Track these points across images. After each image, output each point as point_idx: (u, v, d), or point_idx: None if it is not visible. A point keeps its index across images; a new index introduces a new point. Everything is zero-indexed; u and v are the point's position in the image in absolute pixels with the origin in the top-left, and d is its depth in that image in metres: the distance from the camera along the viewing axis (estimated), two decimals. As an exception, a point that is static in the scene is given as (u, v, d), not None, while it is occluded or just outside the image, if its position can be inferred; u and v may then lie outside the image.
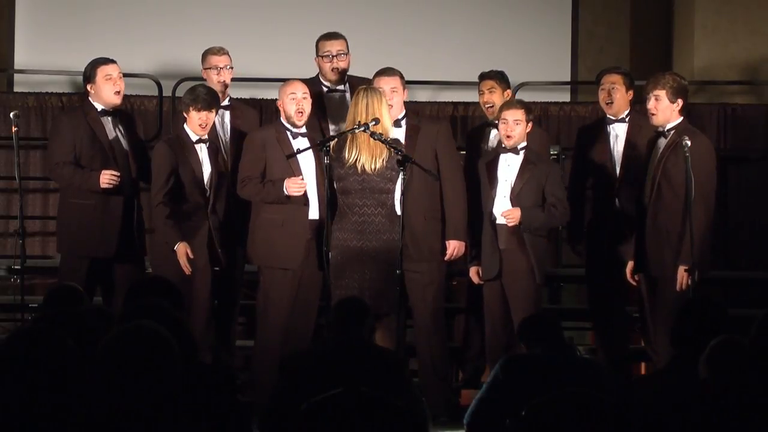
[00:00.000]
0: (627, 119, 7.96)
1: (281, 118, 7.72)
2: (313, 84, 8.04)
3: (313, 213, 7.64)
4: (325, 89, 8.12)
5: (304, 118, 7.66)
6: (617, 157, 7.94)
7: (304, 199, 7.57)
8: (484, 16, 10.85)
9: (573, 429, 5.02)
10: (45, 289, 8.35)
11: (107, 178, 7.58)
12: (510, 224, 7.52)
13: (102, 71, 7.75)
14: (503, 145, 7.67)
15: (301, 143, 7.64)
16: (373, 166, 7.41)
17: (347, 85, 8.12)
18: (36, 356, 3.90)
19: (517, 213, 7.51)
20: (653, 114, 7.47)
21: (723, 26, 10.54)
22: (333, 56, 8.10)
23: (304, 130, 7.70)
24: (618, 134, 7.96)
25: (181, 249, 7.45)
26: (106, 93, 7.75)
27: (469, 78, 8.30)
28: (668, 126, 7.48)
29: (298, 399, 5.08)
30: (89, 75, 7.78)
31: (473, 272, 7.76)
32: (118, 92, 7.78)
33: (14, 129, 7.88)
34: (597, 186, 8.03)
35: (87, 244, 7.65)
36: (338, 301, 6.05)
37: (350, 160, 7.42)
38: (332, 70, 8.10)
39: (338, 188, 7.49)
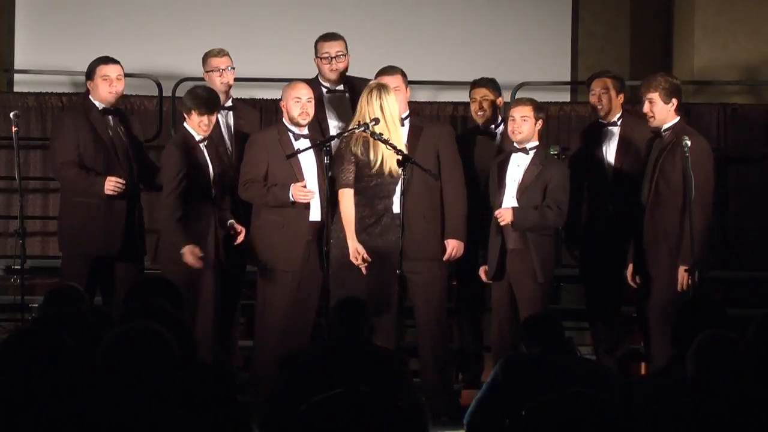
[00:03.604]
0: (619, 122, 7.96)
1: (284, 120, 7.72)
2: (312, 85, 8.04)
3: (315, 215, 7.64)
4: (324, 90, 8.12)
5: (309, 118, 7.67)
6: (611, 160, 7.95)
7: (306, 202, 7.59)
8: (484, 16, 10.85)
9: (573, 429, 5.02)
10: (45, 289, 8.33)
11: (112, 185, 7.58)
12: (502, 224, 7.52)
13: (100, 71, 7.77)
14: (514, 144, 7.68)
15: (302, 145, 7.64)
16: (389, 167, 7.37)
17: (346, 85, 8.11)
18: (36, 356, 3.90)
19: (508, 213, 7.51)
20: (651, 117, 7.48)
21: (723, 26, 10.54)
22: (332, 57, 8.09)
23: (306, 131, 7.70)
24: (611, 137, 7.96)
25: (188, 252, 7.43)
26: (101, 92, 7.76)
27: (469, 78, 8.29)
28: (665, 126, 7.48)
29: (298, 399, 5.09)
30: (89, 73, 7.81)
31: (482, 270, 7.76)
32: (114, 93, 7.78)
33: (14, 129, 7.88)
34: (591, 188, 8.03)
35: (90, 243, 7.65)
36: (338, 301, 6.05)
37: (374, 161, 7.34)
38: (331, 71, 8.10)
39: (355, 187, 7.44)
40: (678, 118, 7.52)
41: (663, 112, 7.46)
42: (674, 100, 7.47)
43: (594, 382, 5.24)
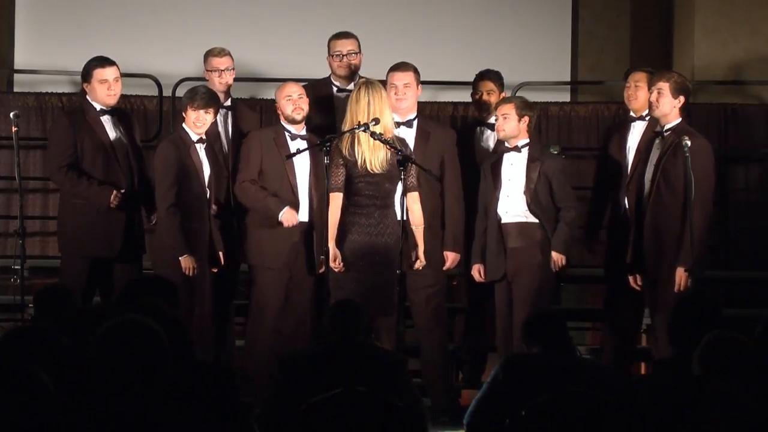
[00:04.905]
0: (647, 119, 7.91)
1: (281, 121, 7.75)
2: (324, 85, 8.12)
3: (303, 215, 7.68)
4: (335, 89, 8.15)
5: (303, 113, 7.69)
6: (631, 156, 7.90)
7: (296, 201, 7.61)
8: (484, 16, 10.84)
9: (573, 429, 5.02)
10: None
11: (117, 200, 7.59)
12: (560, 265, 7.55)
13: (98, 74, 7.74)
14: (505, 144, 7.69)
15: (299, 145, 7.66)
16: (375, 165, 7.39)
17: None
18: (32, 355, 3.90)
19: (558, 257, 7.54)
20: (654, 107, 7.47)
21: (723, 26, 10.53)
22: (343, 55, 8.15)
23: (303, 132, 7.73)
24: (636, 133, 7.92)
25: (187, 262, 7.46)
26: (99, 95, 7.75)
27: (469, 78, 8.30)
28: (667, 126, 7.48)
29: (298, 399, 5.09)
30: (86, 75, 7.79)
31: (475, 270, 7.75)
32: (113, 95, 7.77)
33: (14, 129, 7.88)
34: (614, 185, 7.97)
35: (90, 245, 7.66)
36: (333, 303, 6.07)
37: (359, 161, 7.39)
38: (340, 67, 8.13)
39: (351, 189, 7.46)
40: (680, 118, 7.51)
41: (667, 106, 7.45)
42: (681, 98, 7.46)
43: (594, 382, 5.24)
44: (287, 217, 7.59)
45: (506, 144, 7.69)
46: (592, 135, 10.15)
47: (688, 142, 7.25)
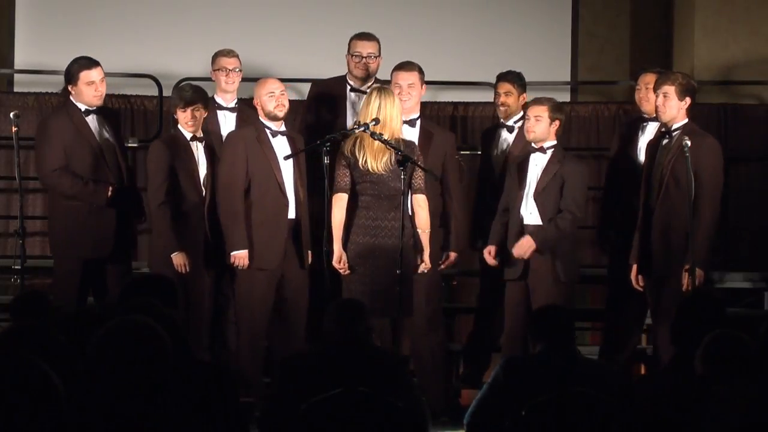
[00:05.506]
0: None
1: (260, 117, 7.71)
2: (338, 83, 8.16)
3: (291, 213, 7.67)
4: (349, 87, 8.17)
5: (285, 109, 7.67)
6: (643, 156, 7.88)
7: (285, 199, 7.58)
8: (484, 16, 10.84)
9: (573, 429, 5.02)
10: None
11: (112, 195, 7.61)
12: (526, 257, 7.48)
13: (84, 77, 7.73)
14: (532, 145, 7.68)
15: (280, 142, 7.67)
16: (377, 166, 7.40)
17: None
18: (31, 355, 3.89)
19: (526, 244, 7.48)
20: (662, 112, 7.45)
21: (723, 26, 10.53)
22: (363, 57, 8.19)
23: (283, 128, 7.71)
24: (649, 134, 7.90)
25: (179, 259, 7.46)
26: (86, 97, 7.75)
27: (469, 78, 8.33)
28: (674, 126, 7.47)
29: (298, 399, 5.09)
30: (71, 77, 7.77)
31: (486, 252, 7.70)
32: (99, 96, 7.77)
33: (14, 129, 7.87)
34: (626, 186, 7.95)
35: (82, 246, 7.67)
36: (335, 302, 6.07)
37: (361, 161, 7.40)
38: (356, 68, 8.17)
39: (356, 189, 7.46)
40: (687, 119, 7.50)
41: (674, 109, 7.45)
42: (687, 99, 7.46)
43: (594, 382, 5.24)
44: (238, 257, 7.55)
45: (533, 145, 7.67)
46: (592, 135, 10.15)
47: (688, 142, 7.24)
